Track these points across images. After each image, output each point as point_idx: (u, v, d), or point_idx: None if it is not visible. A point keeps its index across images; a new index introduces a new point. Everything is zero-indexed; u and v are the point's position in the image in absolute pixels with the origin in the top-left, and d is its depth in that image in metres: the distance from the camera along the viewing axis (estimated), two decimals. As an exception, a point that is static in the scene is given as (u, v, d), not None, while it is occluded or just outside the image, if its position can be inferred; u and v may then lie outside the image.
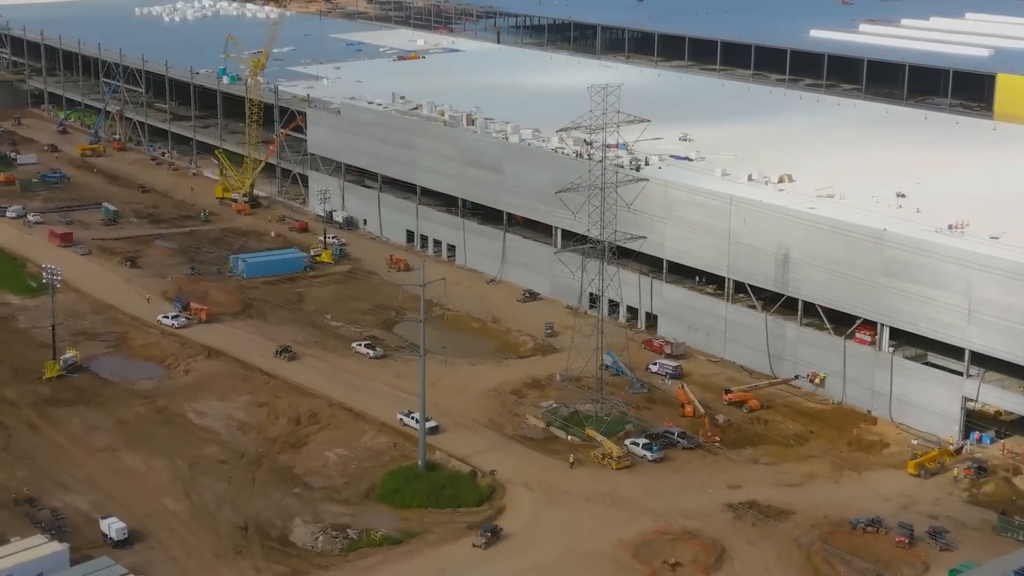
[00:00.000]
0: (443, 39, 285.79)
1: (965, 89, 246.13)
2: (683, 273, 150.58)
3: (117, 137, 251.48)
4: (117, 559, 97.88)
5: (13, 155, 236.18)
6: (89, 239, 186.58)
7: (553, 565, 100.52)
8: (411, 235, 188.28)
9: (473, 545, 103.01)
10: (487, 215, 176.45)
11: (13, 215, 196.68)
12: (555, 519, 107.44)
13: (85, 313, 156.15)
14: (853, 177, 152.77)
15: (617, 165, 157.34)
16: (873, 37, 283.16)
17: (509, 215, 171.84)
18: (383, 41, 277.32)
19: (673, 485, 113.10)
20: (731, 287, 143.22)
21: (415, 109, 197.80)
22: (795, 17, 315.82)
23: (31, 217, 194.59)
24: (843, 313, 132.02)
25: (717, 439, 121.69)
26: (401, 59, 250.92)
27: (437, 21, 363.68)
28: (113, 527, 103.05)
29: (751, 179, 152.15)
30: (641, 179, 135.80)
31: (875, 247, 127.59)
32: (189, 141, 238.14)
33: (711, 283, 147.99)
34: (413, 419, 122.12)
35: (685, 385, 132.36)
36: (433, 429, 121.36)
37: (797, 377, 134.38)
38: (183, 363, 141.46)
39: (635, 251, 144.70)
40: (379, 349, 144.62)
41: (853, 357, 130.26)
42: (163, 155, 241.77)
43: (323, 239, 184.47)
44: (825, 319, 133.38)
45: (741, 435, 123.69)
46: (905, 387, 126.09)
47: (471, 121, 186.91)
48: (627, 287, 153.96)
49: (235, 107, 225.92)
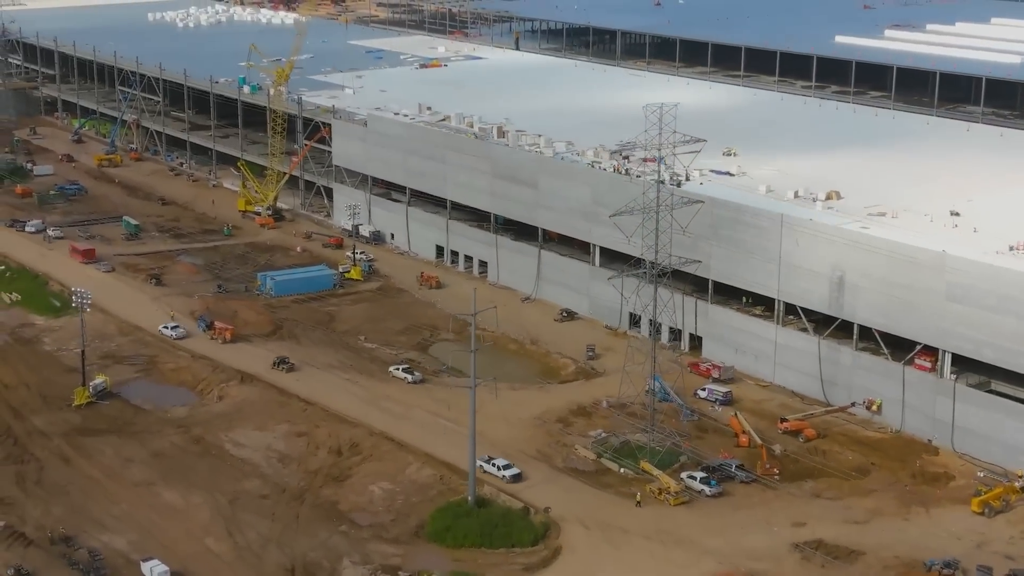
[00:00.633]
0: (463, 46, 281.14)
1: (997, 97, 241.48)
2: (727, 293, 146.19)
3: (134, 147, 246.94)
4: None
5: (29, 166, 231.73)
6: (111, 255, 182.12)
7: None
8: (441, 250, 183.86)
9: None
10: (520, 230, 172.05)
11: (32, 230, 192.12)
12: (614, 560, 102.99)
13: (112, 335, 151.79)
14: (902, 193, 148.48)
15: (657, 181, 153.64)
16: (900, 43, 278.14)
17: (544, 231, 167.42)
18: (403, 48, 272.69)
19: (735, 523, 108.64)
20: (781, 309, 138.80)
21: (443, 121, 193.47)
22: (818, 23, 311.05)
23: (51, 232, 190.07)
24: (901, 338, 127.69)
25: (776, 472, 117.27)
26: (423, 67, 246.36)
27: (452, 25, 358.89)
28: (155, 571, 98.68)
29: (797, 196, 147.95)
30: (697, 201, 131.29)
31: (936, 270, 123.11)
32: (207, 151, 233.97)
33: (758, 304, 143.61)
34: (493, 466, 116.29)
35: (739, 413, 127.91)
36: (516, 477, 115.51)
37: (854, 404, 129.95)
38: (216, 388, 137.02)
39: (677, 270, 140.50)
40: (417, 374, 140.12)
41: (913, 384, 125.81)
42: (181, 165, 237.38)
43: (352, 255, 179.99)
44: (882, 343, 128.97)
45: (799, 467, 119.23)
46: (968, 416, 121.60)
47: (502, 133, 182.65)
48: (670, 308, 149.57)
49: (254, 116, 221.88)
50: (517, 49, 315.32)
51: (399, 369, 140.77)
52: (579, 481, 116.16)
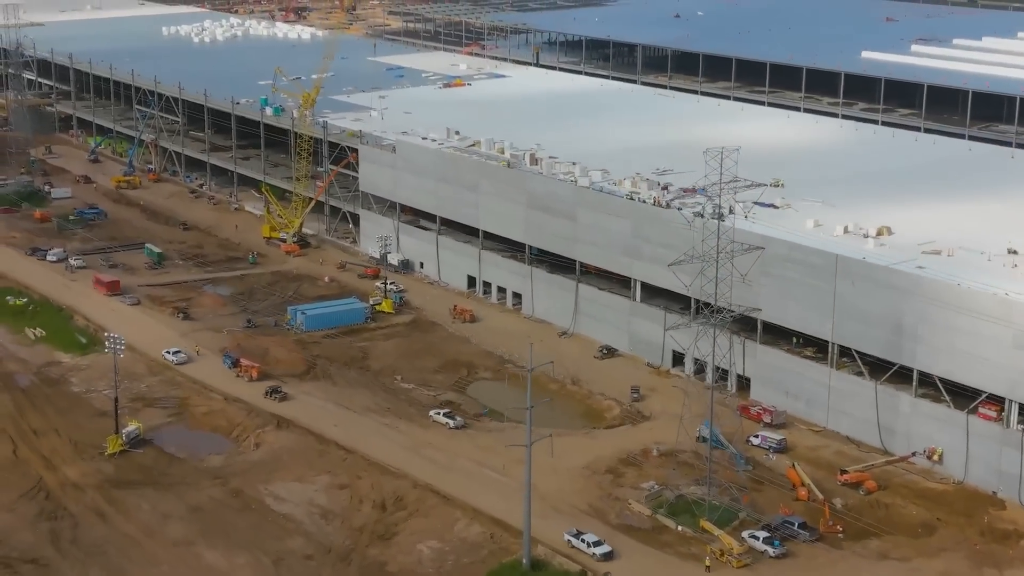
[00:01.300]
0: (485, 63, 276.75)
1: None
2: (775, 332, 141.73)
3: (152, 168, 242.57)
4: None
5: (47, 189, 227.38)
6: (136, 286, 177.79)
7: None
8: (472, 280, 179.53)
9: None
10: (556, 262, 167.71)
11: (54, 259, 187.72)
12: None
13: (141, 374, 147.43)
14: (954, 228, 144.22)
15: (697, 214, 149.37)
16: (927, 59, 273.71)
17: (582, 264, 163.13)
18: (423, 65, 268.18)
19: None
20: (835, 352, 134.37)
21: (472, 146, 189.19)
22: (842, 36, 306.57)
23: (73, 261, 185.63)
24: (964, 384, 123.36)
25: (840, 530, 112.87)
26: (446, 86, 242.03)
27: (468, 37, 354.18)
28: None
29: (847, 231, 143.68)
30: (757, 248, 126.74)
31: (1002, 316, 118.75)
32: (227, 171, 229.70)
33: (809, 345, 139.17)
34: (583, 542, 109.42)
35: (796, 464, 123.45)
36: (607, 555, 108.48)
37: (915, 454, 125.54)
38: (252, 435, 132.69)
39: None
40: (459, 419, 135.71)
41: (977, 434, 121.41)
42: (201, 187, 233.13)
43: (383, 287, 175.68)
44: (943, 391, 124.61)
45: (863, 523, 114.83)
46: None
47: (534, 160, 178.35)
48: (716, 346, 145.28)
49: (276, 137, 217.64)
50: (537, 63, 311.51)
51: (440, 414, 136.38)
52: (636, 540, 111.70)
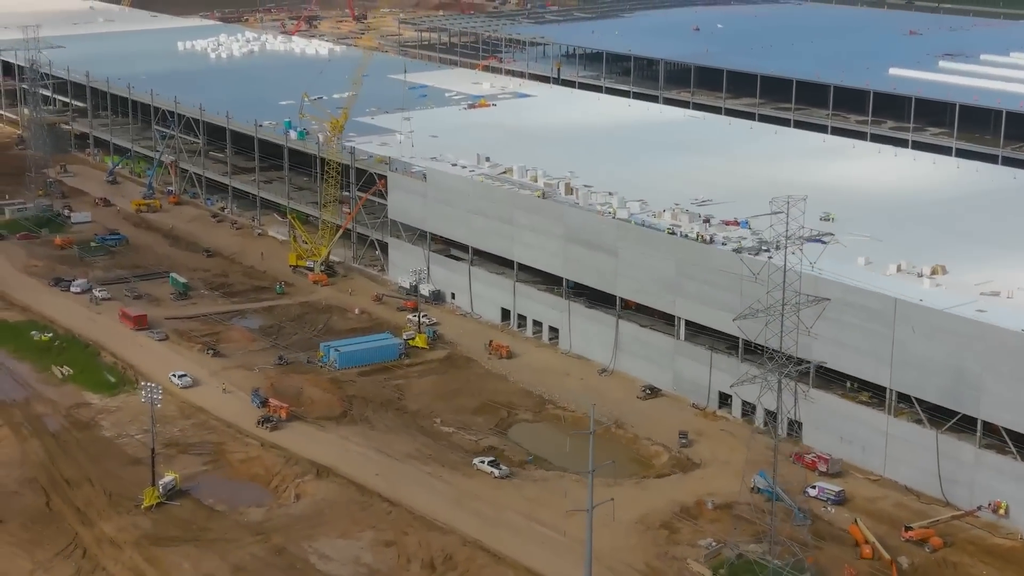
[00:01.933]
0: (509, 82, 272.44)
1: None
2: (828, 374, 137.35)
3: (172, 190, 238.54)
4: None
5: (67, 213, 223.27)
6: (163, 319, 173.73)
7: None
8: (507, 313, 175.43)
9: None
10: (594, 295, 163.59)
11: (78, 290, 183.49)
12: None
13: (173, 417, 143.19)
14: (1010, 267, 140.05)
15: (736, 249, 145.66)
16: (956, 76, 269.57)
17: (622, 299, 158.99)
18: (445, 83, 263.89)
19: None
20: (893, 398, 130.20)
21: (504, 174, 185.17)
22: (866, 51, 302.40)
23: (98, 292, 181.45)
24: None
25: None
26: (472, 107, 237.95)
27: (485, 50, 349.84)
28: None
29: (900, 270, 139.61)
30: (823, 299, 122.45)
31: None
32: (248, 194, 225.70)
33: (864, 388, 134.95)
34: None
35: (859, 519, 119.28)
36: None
37: (980, 509, 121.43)
38: (291, 485, 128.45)
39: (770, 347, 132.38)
40: (504, 468, 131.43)
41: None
42: (223, 210, 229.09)
43: (416, 320, 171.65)
44: (1009, 441, 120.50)
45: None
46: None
47: (569, 190, 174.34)
48: (762, 388, 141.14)
49: (299, 158, 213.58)
50: (558, 78, 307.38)
51: (484, 462, 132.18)
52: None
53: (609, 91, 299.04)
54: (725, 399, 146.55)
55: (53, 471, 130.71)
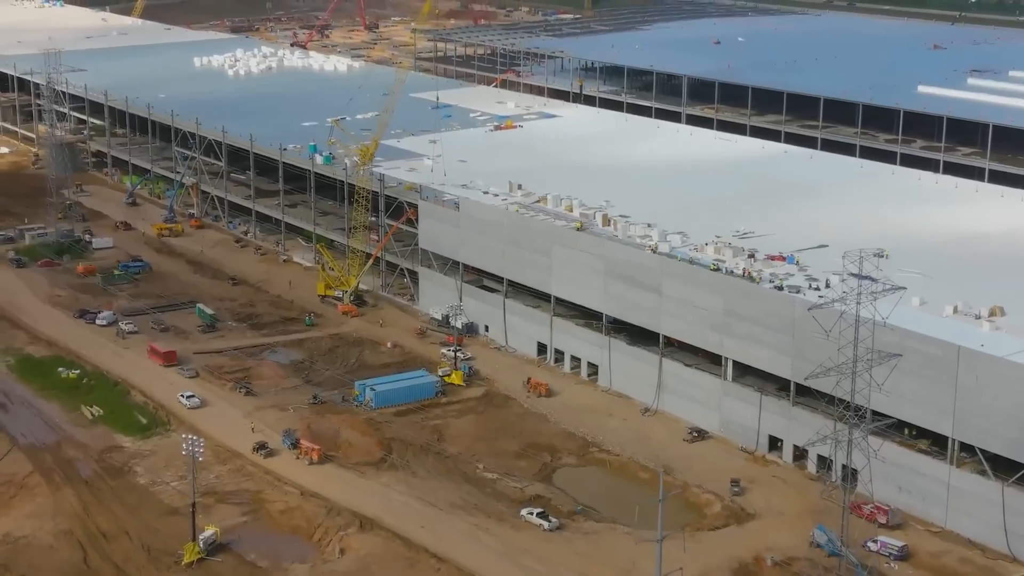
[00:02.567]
0: (533, 101, 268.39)
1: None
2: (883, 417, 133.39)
3: (193, 213, 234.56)
4: None
5: (88, 238, 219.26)
6: (191, 353, 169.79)
7: None
8: (543, 347, 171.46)
9: None
10: (635, 331, 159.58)
11: (104, 323, 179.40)
12: None
13: (208, 463, 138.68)
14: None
15: (775, 286, 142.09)
16: (985, 95, 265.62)
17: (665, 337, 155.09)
18: (468, 102, 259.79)
19: None
20: (955, 448, 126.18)
21: (538, 203, 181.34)
22: (892, 67, 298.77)
23: (124, 326, 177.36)
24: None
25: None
26: (498, 128, 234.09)
27: (503, 64, 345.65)
28: None
29: (956, 311, 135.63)
30: (895, 355, 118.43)
31: None
32: (271, 217, 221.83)
33: (922, 436, 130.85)
34: None
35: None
36: None
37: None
38: (335, 538, 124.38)
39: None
40: (553, 520, 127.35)
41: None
42: (246, 234, 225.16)
43: (450, 354, 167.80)
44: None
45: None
46: None
47: (607, 221, 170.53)
48: (814, 432, 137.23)
49: (322, 181, 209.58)
50: (580, 94, 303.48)
51: (532, 513, 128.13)
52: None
53: (631, 107, 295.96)
54: (775, 442, 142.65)
55: (88, 523, 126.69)
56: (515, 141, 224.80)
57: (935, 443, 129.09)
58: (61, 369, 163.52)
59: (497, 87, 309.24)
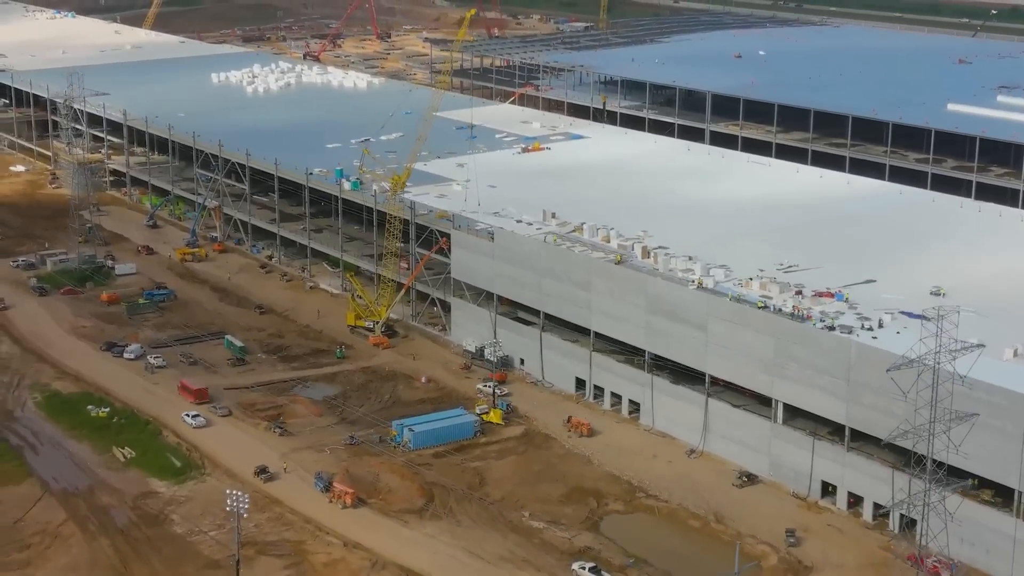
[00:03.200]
0: (559, 120, 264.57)
1: None
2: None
3: (216, 236, 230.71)
4: None
5: (110, 263, 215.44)
6: (222, 389, 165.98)
7: None
8: (581, 382, 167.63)
9: None
10: (678, 368, 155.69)
11: (132, 356, 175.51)
12: None
13: (248, 509, 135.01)
14: None
15: (827, 326, 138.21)
16: (1017, 113, 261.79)
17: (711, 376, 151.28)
18: (493, 121, 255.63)
19: None
20: (1022, 500, 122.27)
21: (573, 232, 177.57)
22: (919, 84, 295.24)
23: (152, 359, 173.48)
24: None
25: None
26: (525, 151, 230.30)
27: (521, 78, 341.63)
28: None
29: (1016, 355, 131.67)
30: (972, 415, 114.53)
31: None
32: (295, 242, 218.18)
33: (985, 486, 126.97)
34: None
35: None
36: None
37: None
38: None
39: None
40: (606, 575, 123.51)
41: None
42: (270, 259, 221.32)
43: (487, 389, 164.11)
44: None
45: None
46: None
47: (646, 253, 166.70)
48: (871, 478, 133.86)
49: (348, 205, 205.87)
50: (604, 110, 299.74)
51: (584, 568, 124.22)
52: None
53: (653, 123, 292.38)
54: (828, 488, 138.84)
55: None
56: (544, 164, 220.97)
57: (999, 494, 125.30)
58: (90, 407, 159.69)
59: (516, 102, 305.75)
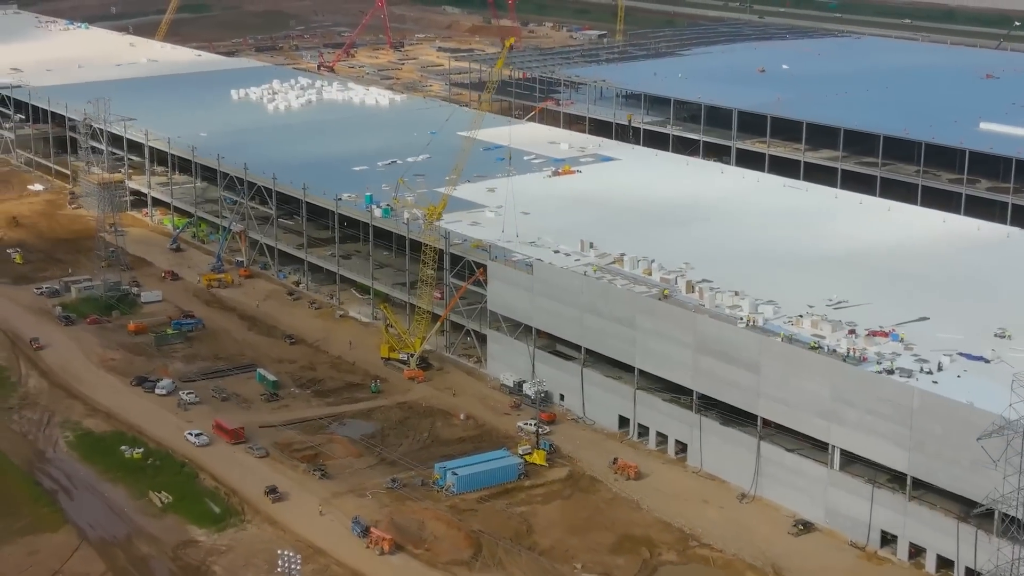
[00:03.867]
0: (587, 141, 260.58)
1: None
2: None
3: (242, 261, 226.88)
4: None
5: (135, 291, 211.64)
6: (257, 427, 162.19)
7: None
8: (624, 420, 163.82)
9: None
10: (728, 409, 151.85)
11: (164, 392, 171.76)
12: None
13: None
14: None
15: (885, 369, 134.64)
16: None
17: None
18: (520, 141, 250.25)
19: None
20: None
21: (613, 263, 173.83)
22: (949, 100, 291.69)
23: (185, 396, 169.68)
24: None
25: None
26: (556, 174, 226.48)
27: (541, 92, 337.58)
28: None
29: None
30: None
31: None
32: (322, 267, 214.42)
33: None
34: None
35: None
36: None
37: None
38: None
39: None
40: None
41: None
42: (298, 285, 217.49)
43: (529, 428, 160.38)
44: None
45: None
46: None
47: (690, 288, 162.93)
48: (934, 530, 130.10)
49: (377, 231, 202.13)
50: (629, 126, 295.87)
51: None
52: None
53: (677, 140, 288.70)
54: (888, 538, 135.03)
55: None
56: (576, 189, 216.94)
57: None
58: (124, 448, 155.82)
59: (535, 117, 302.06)
